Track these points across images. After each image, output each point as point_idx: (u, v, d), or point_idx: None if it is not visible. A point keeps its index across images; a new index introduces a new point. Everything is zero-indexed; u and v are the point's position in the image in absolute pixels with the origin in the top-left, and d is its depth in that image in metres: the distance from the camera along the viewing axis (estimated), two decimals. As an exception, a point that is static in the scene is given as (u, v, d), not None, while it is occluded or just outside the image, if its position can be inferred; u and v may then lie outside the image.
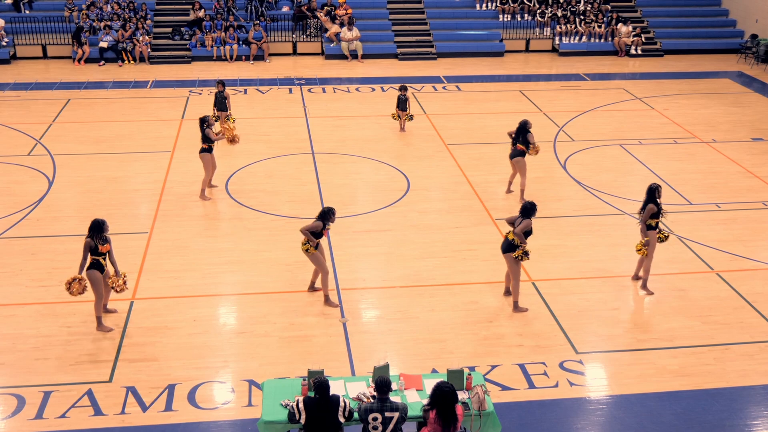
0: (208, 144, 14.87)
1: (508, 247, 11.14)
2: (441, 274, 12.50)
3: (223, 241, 13.51)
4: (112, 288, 10.69)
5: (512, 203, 14.99)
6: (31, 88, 22.28)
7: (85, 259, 10.42)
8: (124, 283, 10.68)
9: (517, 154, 14.83)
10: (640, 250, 11.84)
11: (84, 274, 10.47)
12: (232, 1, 27.23)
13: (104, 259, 10.57)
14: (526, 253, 11.03)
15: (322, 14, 26.75)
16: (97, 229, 10.47)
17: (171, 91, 22.25)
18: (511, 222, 11.25)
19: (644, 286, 12.08)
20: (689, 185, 15.96)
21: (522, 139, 14.72)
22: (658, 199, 11.65)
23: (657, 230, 11.78)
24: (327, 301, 11.52)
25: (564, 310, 11.52)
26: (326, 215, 11.12)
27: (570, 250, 13.31)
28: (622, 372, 10.19)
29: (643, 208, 11.76)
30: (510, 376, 10.04)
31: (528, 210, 11.06)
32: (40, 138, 18.24)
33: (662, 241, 11.93)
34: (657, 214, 11.66)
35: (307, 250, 11.20)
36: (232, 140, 15.61)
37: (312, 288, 11.86)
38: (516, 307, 11.45)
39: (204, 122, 14.82)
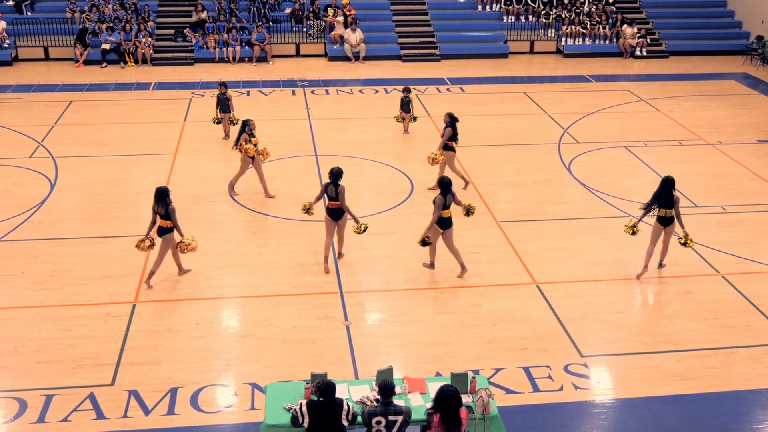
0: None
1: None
2: (444, 276, 12.45)
3: (226, 244, 13.47)
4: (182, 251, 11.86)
5: (515, 206, 14.98)
6: (33, 90, 22.27)
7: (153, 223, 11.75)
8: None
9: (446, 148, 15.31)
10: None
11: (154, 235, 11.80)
12: (234, 3, 27.22)
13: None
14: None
15: (331, 16, 26.64)
16: (160, 196, 11.53)
17: (173, 93, 22.22)
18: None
19: (661, 265, 12.51)
20: (694, 187, 15.88)
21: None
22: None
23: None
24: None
25: (568, 313, 11.47)
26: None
27: (574, 253, 13.25)
28: (626, 375, 10.14)
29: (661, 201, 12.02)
30: (514, 379, 9.98)
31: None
32: (42, 140, 18.22)
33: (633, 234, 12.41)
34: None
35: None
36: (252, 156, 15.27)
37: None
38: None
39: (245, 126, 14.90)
